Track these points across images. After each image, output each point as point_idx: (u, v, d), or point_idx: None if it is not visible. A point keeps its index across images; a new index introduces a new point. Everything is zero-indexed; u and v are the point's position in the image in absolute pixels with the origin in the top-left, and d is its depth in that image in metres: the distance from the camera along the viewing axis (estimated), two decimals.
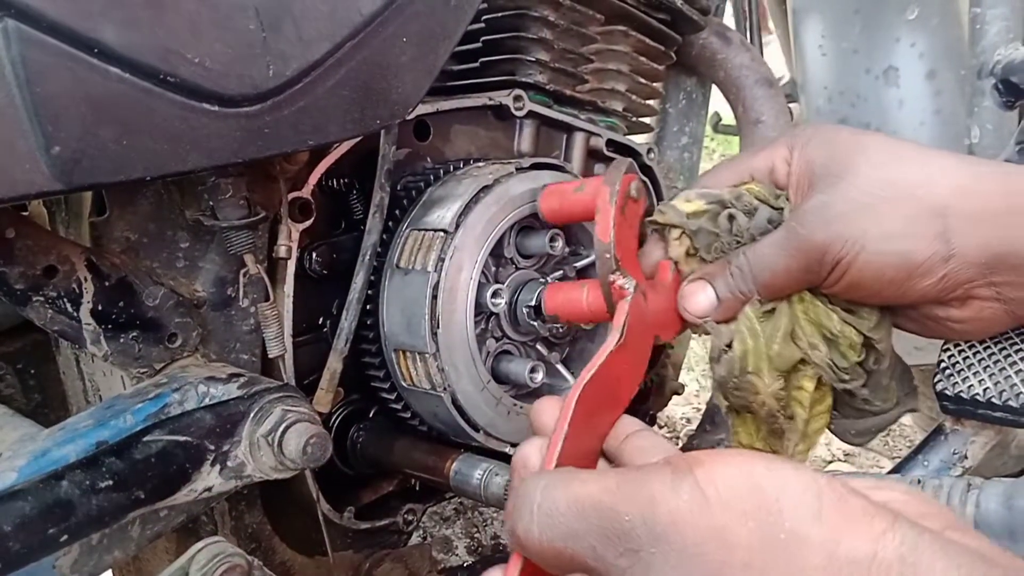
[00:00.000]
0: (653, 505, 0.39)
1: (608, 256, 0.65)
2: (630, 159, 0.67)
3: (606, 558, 0.39)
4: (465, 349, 0.75)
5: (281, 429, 0.63)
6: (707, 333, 0.69)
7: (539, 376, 0.80)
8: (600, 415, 0.59)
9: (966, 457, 0.74)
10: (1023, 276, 0.60)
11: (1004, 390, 0.66)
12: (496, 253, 0.79)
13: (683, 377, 1.08)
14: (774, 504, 0.37)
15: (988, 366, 0.68)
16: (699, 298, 0.68)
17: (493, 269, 0.80)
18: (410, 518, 0.86)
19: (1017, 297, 0.62)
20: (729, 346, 0.68)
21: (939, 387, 0.70)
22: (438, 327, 0.74)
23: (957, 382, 0.69)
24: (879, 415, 0.72)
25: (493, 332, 0.82)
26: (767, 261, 0.65)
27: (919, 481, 0.53)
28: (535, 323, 0.81)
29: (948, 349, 0.71)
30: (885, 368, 0.70)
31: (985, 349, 0.69)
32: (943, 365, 0.70)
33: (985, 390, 0.67)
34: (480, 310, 0.78)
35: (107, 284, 0.65)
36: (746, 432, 0.71)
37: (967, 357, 0.69)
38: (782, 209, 0.68)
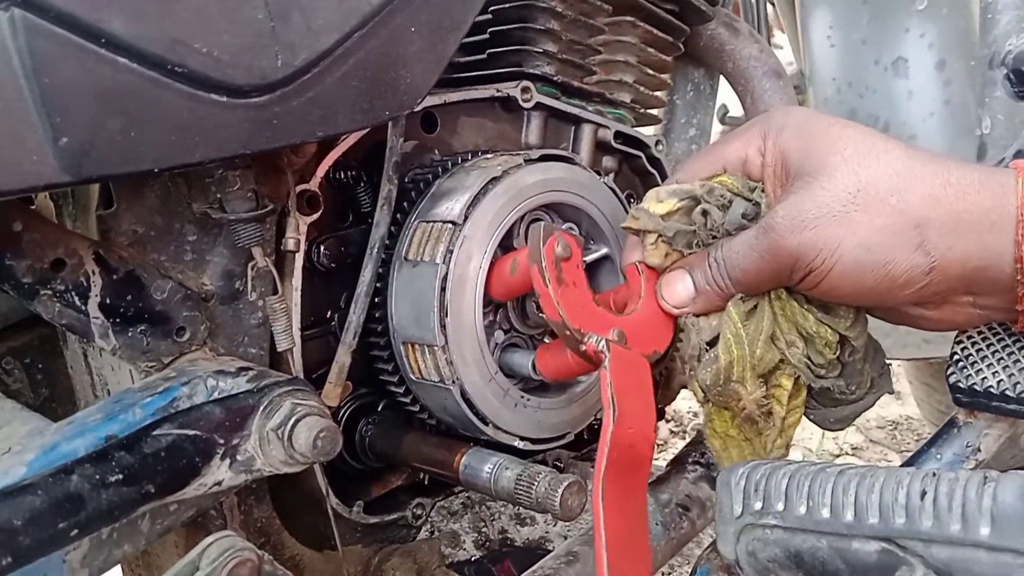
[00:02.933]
0: None
1: (568, 333, 0.64)
2: (543, 222, 0.65)
3: None
4: (474, 341, 0.75)
5: (291, 423, 0.62)
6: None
7: None
8: (633, 468, 0.61)
9: (979, 450, 0.74)
10: (1000, 288, 0.59)
11: (1018, 382, 0.66)
12: (505, 245, 0.79)
13: None
14: None
15: (1002, 358, 0.68)
16: (677, 287, 0.68)
17: None
18: (419, 512, 0.86)
19: (992, 304, 0.62)
20: (710, 344, 0.67)
21: (952, 379, 0.69)
22: (447, 319, 0.73)
23: (971, 374, 0.68)
24: (855, 402, 0.72)
25: (501, 324, 0.82)
26: (738, 260, 0.64)
27: (934, 474, 0.52)
28: (543, 315, 0.80)
29: (961, 341, 0.70)
30: (859, 356, 0.69)
31: (999, 341, 0.69)
32: (956, 357, 0.70)
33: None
34: (488, 302, 0.78)
35: (115, 277, 0.65)
36: (721, 420, 0.71)
37: (980, 349, 0.69)
38: (759, 203, 0.66)
